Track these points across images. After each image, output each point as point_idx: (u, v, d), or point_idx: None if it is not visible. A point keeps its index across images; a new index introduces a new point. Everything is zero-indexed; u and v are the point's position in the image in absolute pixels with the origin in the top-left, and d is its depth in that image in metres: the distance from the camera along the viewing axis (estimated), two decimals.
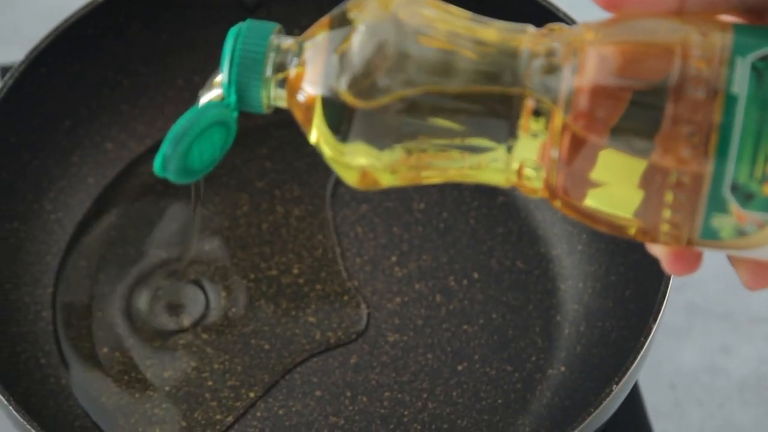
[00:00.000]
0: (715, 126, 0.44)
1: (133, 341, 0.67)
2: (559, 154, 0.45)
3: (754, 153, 0.44)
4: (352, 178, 0.48)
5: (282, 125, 0.72)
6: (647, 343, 0.60)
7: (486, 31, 0.47)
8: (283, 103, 0.49)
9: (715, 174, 0.44)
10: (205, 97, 0.50)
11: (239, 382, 0.66)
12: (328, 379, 0.66)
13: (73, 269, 0.69)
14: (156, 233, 0.70)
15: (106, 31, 0.69)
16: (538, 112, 0.46)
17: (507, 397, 0.66)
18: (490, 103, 0.46)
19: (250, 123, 0.71)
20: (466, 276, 0.69)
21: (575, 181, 0.45)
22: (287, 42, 0.49)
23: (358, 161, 0.47)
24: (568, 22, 0.66)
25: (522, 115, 0.46)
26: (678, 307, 0.73)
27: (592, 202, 0.46)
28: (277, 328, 0.67)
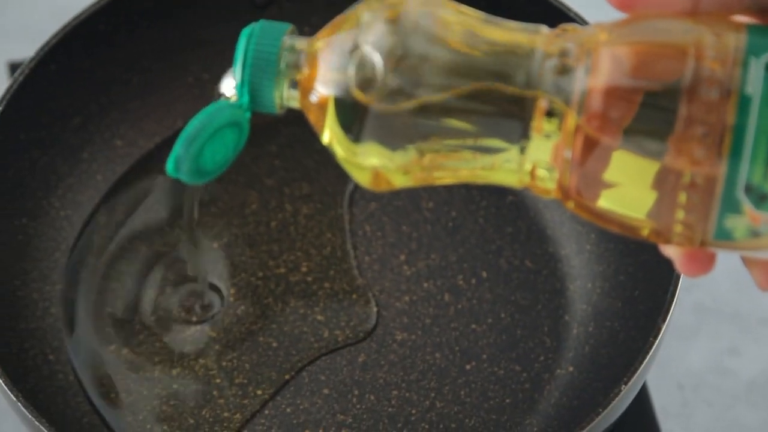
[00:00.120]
0: (729, 127, 0.44)
1: (141, 338, 0.67)
2: (572, 155, 0.45)
3: None
4: (364, 179, 0.48)
5: (291, 122, 0.72)
6: (656, 344, 0.60)
7: (499, 31, 0.47)
8: (295, 104, 0.49)
9: (729, 175, 0.44)
10: (222, 94, 0.50)
11: (247, 379, 0.66)
12: (336, 377, 0.66)
13: (81, 266, 0.69)
14: (165, 231, 0.70)
15: (117, 28, 0.69)
16: (551, 113, 0.45)
17: (515, 396, 0.65)
18: (503, 103, 0.46)
19: (260, 120, 0.71)
20: (475, 275, 0.69)
21: (588, 182, 0.45)
22: (300, 42, 0.49)
23: (370, 162, 0.47)
24: (580, 22, 0.66)
25: (535, 116, 0.46)
26: (687, 308, 0.73)
27: (605, 203, 0.46)
28: (285, 326, 0.67)
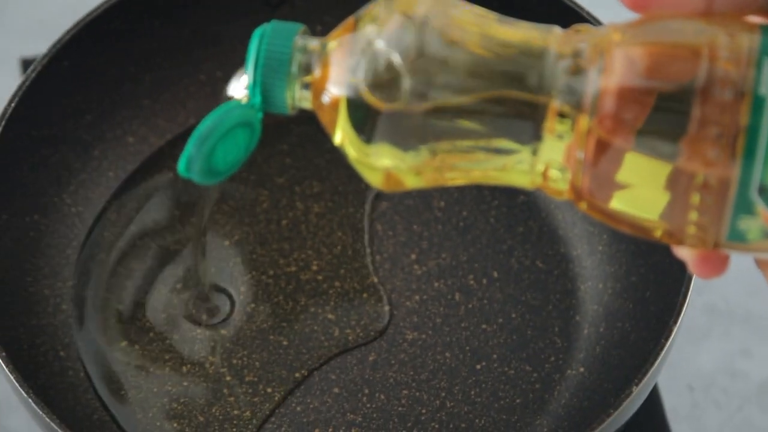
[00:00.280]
0: (743, 128, 0.44)
1: (152, 335, 0.67)
2: (585, 156, 0.45)
3: None
4: (376, 180, 0.48)
5: (302, 121, 0.72)
6: (668, 345, 0.60)
7: (512, 32, 0.47)
8: (307, 105, 0.49)
9: (743, 176, 0.44)
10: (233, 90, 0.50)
11: (257, 378, 0.66)
12: (346, 376, 0.66)
13: (92, 262, 0.69)
14: (176, 228, 0.70)
15: (129, 25, 0.69)
16: (563, 114, 0.45)
17: (525, 397, 0.65)
18: (515, 104, 0.46)
19: (271, 119, 0.71)
20: (486, 275, 0.68)
21: (601, 183, 0.45)
22: (312, 43, 0.49)
23: (382, 163, 0.47)
24: (593, 22, 0.66)
25: (547, 117, 0.46)
26: (698, 309, 0.73)
27: (617, 203, 0.45)
28: (295, 325, 0.67)
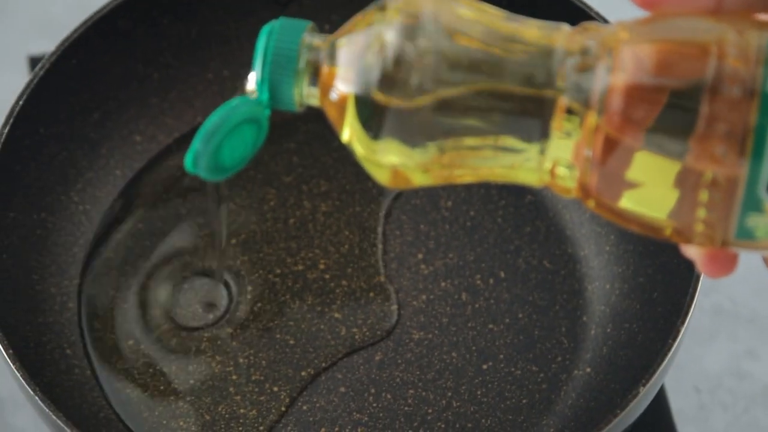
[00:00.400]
0: (751, 126, 0.44)
1: (159, 334, 0.67)
2: (593, 154, 0.45)
3: None
4: (384, 177, 0.48)
5: (310, 120, 0.72)
6: (675, 346, 0.60)
7: (520, 29, 0.47)
8: (315, 102, 0.49)
9: (751, 174, 0.44)
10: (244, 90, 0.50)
11: (263, 376, 0.66)
12: (353, 375, 0.66)
13: (99, 261, 0.69)
14: (183, 227, 0.70)
15: (138, 23, 0.69)
16: (571, 111, 0.45)
17: (532, 397, 0.65)
18: (523, 101, 0.46)
19: (278, 117, 0.71)
20: (493, 275, 0.68)
21: (609, 181, 0.45)
22: (320, 40, 0.49)
23: (389, 159, 0.47)
24: (601, 21, 0.65)
25: (555, 114, 0.46)
26: (705, 310, 0.73)
27: (625, 201, 0.45)
28: (302, 324, 0.67)
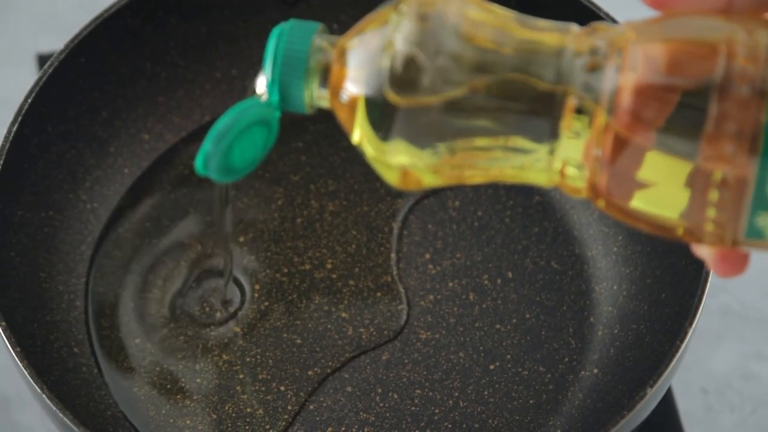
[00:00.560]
0: (761, 125, 0.43)
1: (166, 333, 0.67)
2: (603, 154, 0.45)
3: None
4: (393, 178, 0.48)
5: (318, 119, 0.72)
6: (682, 347, 0.60)
7: (529, 30, 0.47)
8: (325, 103, 0.49)
9: (761, 173, 0.44)
10: (254, 90, 0.50)
11: (270, 376, 0.66)
12: (359, 375, 0.66)
13: (107, 259, 0.69)
14: (190, 225, 0.70)
15: (146, 22, 0.69)
16: (580, 111, 0.45)
17: (539, 397, 0.65)
18: (532, 102, 0.46)
19: (286, 117, 0.71)
20: (500, 275, 0.68)
21: (619, 181, 0.45)
22: (330, 42, 0.49)
23: (399, 160, 0.47)
24: (610, 21, 0.65)
25: (564, 114, 0.45)
26: (712, 312, 0.73)
27: (635, 201, 0.45)
28: (309, 323, 0.67)
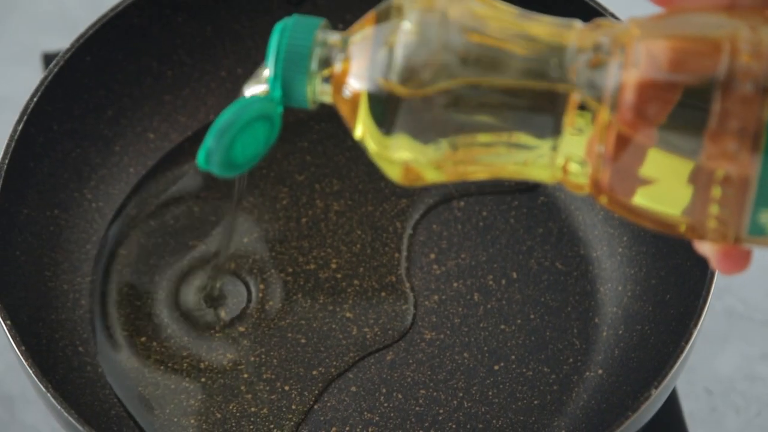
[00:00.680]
0: (764, 122, 0.43)
1: (170, 332, 0.67)
2: (605, 150, 0.45)
3: None
4: (396, 174, 0.48)
5: (323, 119, 0.72)
6: (687, 348, 0.59)
7: (533, 26, 0.47)
8: (328, 99, 0.49)
9: (763, 170, 0.44)
10: (249, 90, 0.50)
11: (275, 375, 0.66)
12: (364, 375, 0.66)
13: (112, 258, 0.69)
14: (195, 224, 0.70)
15: (152, 21, 0.69)
16: (583, 107, 0.45)
17: (543, 398, 0.65)
18: (535, 97, 0.46)
19: (291, 116, 0.71)
20: (505, 275, 0.68)
21: (622, 177, 0.45)
22: (333, 37, 0.49)
23: (402, 155, 0.47)
24: (612, 18, 0.65)
25: (567, 110, 0.45)
26: (717, 313, 0.72)
27: (639, 198, 0.45)
28: (313, 323, 0.67)
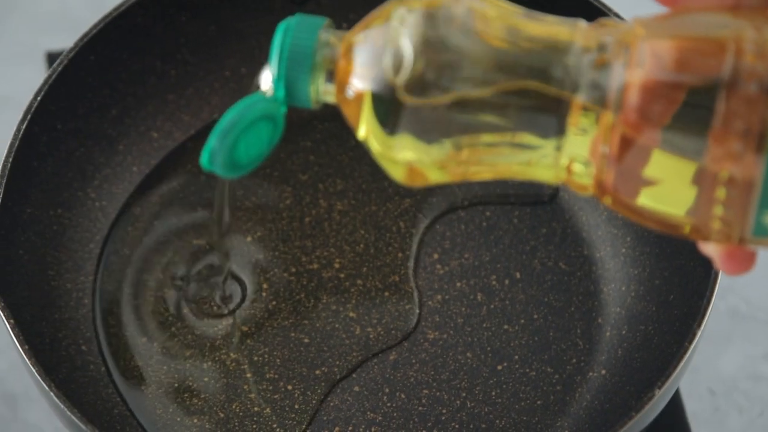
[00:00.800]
0: None
1: (174, 331, 0.67)
2: (609, 151, 0.45)
3: None
4: (399, 174, 0.48)
5: (326, 118, 0.72)
6: (691, 349, 0.59)
7: (537, 26, 0.47)
8: (331, 99, 0.49)
9: None
10: (260, 87, 0.50)
11: (278, 375, 0.66)
12: (367, 375, 0.66)
13: (115, 257, 0.69)
14: (199, 223, 0.70)
15: (156, 20, 0.69)
16: (587, 108, 0.45)
17: (546, 398, 0.65)
18: (539, 98, 0.46)
19: (295, 116, 0.71)
20: (508, 275, 0.68)
21: (626, 178, 0.45)
22: (336, 36, 0.49)
23: (405, 156, 0.47)
24: (617, 18, 0.65)
25: (571, 111, 0.45)
26: (720, 313, 0.72)
27: (644, 199, 0.45)
28: (317, 323, 0.67)
